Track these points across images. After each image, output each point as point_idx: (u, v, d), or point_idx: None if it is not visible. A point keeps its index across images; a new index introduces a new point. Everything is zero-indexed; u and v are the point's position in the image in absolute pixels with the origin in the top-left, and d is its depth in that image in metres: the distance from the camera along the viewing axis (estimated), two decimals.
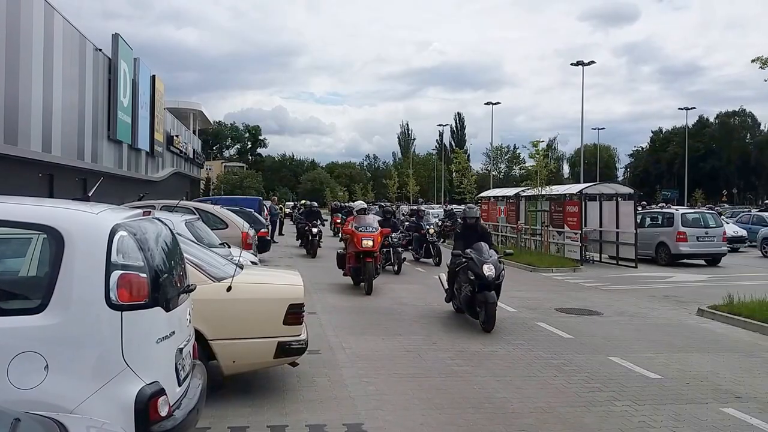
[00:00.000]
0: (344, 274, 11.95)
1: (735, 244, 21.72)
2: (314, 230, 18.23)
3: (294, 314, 5.05)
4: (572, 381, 5.90)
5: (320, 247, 18.59)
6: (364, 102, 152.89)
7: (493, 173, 58.74)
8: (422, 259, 17.28)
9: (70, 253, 3.00)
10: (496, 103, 47.47)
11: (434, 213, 27.70)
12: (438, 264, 15.87)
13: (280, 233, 27.09)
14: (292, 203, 44.26)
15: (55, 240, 3.06)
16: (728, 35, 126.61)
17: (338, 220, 28.09)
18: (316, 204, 22.27)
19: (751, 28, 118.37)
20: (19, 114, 14.28)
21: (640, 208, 20.53)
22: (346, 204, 30.19)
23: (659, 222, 18.59)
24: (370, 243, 11.06)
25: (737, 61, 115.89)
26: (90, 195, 4.07)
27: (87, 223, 3.16)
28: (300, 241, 20.83)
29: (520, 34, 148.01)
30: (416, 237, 17.47)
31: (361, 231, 11.25)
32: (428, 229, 17.13)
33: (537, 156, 19.62)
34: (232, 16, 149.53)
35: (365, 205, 13.00)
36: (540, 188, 19.01)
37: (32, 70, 14.94)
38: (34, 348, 2.88)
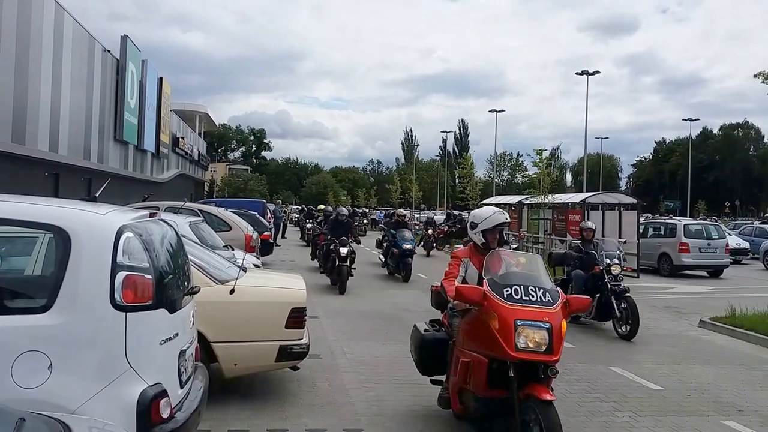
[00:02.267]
0: (447, 405, 4.65)
1: (737, 256, 21.69)
2: (343, 251, 11.91)
3: (296, 318, 5.08)
4: (573, 390, 5.89)
5: (352, 275, 12.32)
6: (367, 107, 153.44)
7: (496, 180, 58.70)
8: (589, 320, 9.12)
9: (77, 253, 3.02)
10: (500, 111, 47.53)
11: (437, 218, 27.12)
12: (631, 335, 8.30)
13: (283, 236, 27.10)
14: (300, 207, 34.79)
15: (61, 240, 3.07)
16: (730, 47, 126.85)
17: None
18: (345, 211, 14.26)
19: (753, 40, 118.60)
20: (27, 113, 14.36)
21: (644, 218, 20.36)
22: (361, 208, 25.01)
23: (662, 232, 18.57)
24: (543, 338, 3.90)
25: (739, 73, 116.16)
26: (97, 196, 4.09)
27: (94, 223, 3.17)
28: (319, 263, 14.00)
29: (523, 44, 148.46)
30: (581, 277, 9.16)
31: (516, 303, 3.91)
32: (609, 264, 8.81)
33: (540, 164, 19.65)
34: (238, 20, 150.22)
35: (506, 219, 4.81)
36: (543, 196, 19.02)
37: (41, 69, 15.03)
38: (39, 347, 2.89)
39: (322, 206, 24.54)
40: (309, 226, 22.48)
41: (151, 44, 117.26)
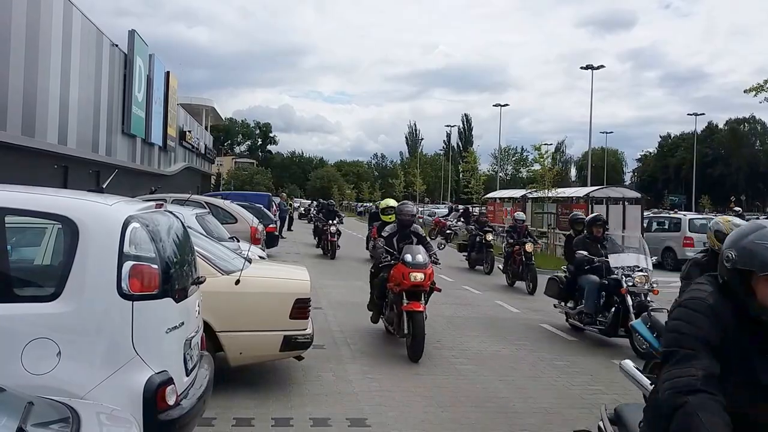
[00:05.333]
0: None
1: None
2: None
3: (300, 308, 5.13)
4: (575, 383, 5.93)
5: None
6: (371, 102, 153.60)
7: (500, 175, 58.69)
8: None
9: (84, 243, 3.07)
10: (504, 105, 47.29)
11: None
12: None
13: (289, 229, 27.15)
14: (318, 202, 29.46)
15: (69, 230, 3.12)
16: (733, 42, 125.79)
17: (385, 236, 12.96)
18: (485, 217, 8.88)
19: (757, 35, 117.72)
20: (37, 107, 14.47)
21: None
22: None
23: (666, 227, 18.54)
24: None
25: (742, 68, 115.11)
26: (104, 187, 4.15)
27: (101, 214, 3.22)
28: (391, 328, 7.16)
29: (525, 39, 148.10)
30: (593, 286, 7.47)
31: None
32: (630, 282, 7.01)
33: (542, 160, 19.69)
34: (242, 15, 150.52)
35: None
36: (547, 191, 19.03)
37: (50, 63, 15.12)
38: (48, 335, 2.95)
39: (391, 202, 11.70)
40: (333, 230, 16.79)
41: (156, 39, 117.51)
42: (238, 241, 9.13)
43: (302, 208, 41.79)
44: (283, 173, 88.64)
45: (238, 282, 4.96)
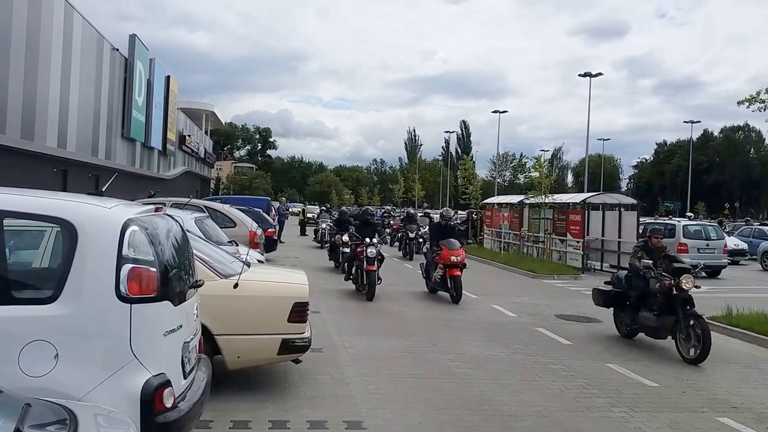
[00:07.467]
0: None
1: (735, 256, 21.71)
2: None
3: (298, 312, 5.15)
4: (570, 386, 5.97)
5: None
6: (370, 107, 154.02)
7: (498, 180, 58.82)
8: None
9: (83, 246, 3.09)
10: (503, 112, 47.61)
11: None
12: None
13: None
14: (326, 206, 27.84)
15: (68, 232, 3.14)
16: (728, 51, 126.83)
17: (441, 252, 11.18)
18: None
19: (751, 44, 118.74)
20: (37, 110, 14.49)
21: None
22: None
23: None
24: None
25: (737, 77, 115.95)
26: (103, 190, 4.18)
27: (100, 216, 3.24)
28: None
29: (523, 46, 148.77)
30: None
31: None
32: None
33: (540, 169, 19.81)
34: (243, 21, 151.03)
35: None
36: (544, 196, 19.11)
37: (50, 67, 15.15)
38: (46, 337, 2.96)
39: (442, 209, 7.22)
40: (371, 253, 10.71)
41: (158, 44, 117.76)
42: (237, 245, 9.15)
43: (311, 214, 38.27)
44: (283, 178, 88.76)
45: (236, 285, 4.98)
